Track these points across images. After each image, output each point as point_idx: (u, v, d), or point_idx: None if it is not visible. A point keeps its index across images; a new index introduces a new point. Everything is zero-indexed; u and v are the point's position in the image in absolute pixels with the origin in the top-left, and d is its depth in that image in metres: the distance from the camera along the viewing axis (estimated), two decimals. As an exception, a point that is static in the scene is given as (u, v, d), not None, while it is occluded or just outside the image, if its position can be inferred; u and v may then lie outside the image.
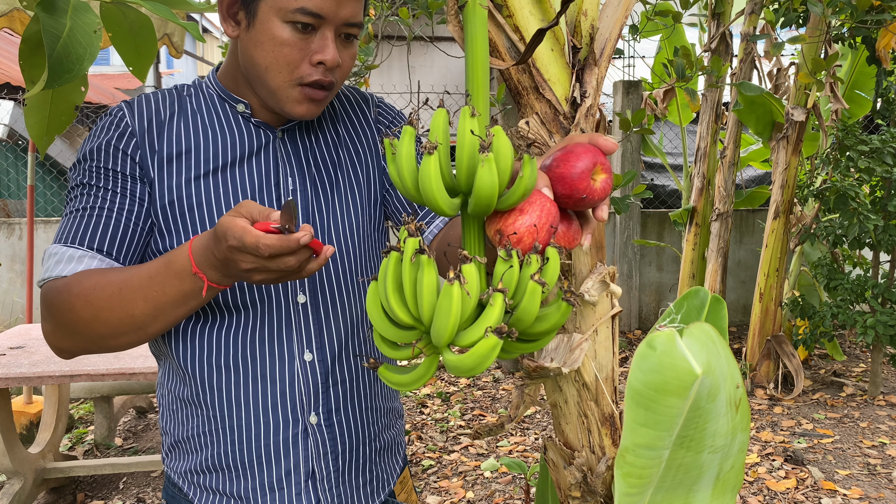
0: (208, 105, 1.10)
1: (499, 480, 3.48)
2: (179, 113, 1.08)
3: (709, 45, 4.75)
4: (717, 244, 4.97)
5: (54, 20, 0.97)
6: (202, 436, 1.08)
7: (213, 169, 1.06)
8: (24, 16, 1.71)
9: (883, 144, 4.27)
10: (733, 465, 0.85)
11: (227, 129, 1.09)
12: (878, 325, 4.23)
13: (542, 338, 0.79)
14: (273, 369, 1.06)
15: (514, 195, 0.73)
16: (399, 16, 4.01)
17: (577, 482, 1.00)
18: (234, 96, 1.09)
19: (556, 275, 0.75)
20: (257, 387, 1.06)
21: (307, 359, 1.08)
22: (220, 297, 1.05)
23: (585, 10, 0.91)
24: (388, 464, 1.22)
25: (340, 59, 1.01)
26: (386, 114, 1.24)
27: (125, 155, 1.03)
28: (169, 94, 1.10)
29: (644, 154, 6.41)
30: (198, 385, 1.07)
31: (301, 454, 1.08)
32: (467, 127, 0.71)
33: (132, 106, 1.06)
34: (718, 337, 0.76)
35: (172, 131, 1.06)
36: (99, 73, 11.00)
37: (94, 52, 0.99)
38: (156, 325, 0.94)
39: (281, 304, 1.07)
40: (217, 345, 1.06)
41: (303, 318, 1.08)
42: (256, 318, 1.06)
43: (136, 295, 0.92)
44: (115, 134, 1.03)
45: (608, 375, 0.98)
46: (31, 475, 3.07)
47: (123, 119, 1.04)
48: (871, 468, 3.60)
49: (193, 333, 1.06)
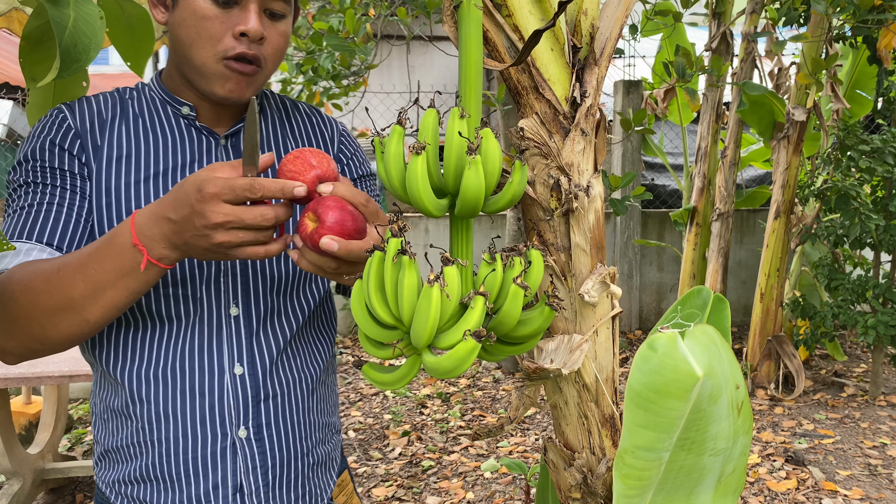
0: (150, 109, 1.08)
1: (499, 481, 3.48)
2: (121, 116, 1.07)
3: (709, 45, 4.75)
4: (718, 244, 4.96)
5: (59, 10, 0.97)
6: (131, 447, 1.07)
7: (154, 174, 1.04)
8: (22, 15, 1.71)
9: (884, 144, 4.26)
10: (735, 468, 0.84)
11: (170, 134, 1.07)
12: (878, 325, 4.23)
13: (527, 341, 0.79)
14: (202, 382, 1.05)
15: (503, 199, 0.73)
16: (398, 15, 4.01)
17: (577, 483, 1.00)
18: (178, 99, 1.08)
19: (539, 279, 0.75)
20: (186, 399, 1.05)
21: (237, 372, 1.06)
22: (152, 307, 1.02)
23: (585, 9, 0.91)
24: (323, 478, 1.20)
25: (266, 34, 1.00)
26: (348, 145, 1.22)
27: (69, 154, 1.01)
28: (111, 96, 1.09)
29: (644, 154, 6.40)
30: (127, 396, 1.05)
31: (229, 468, 1.06)
32: (455, 128, 0.71)
33: (73, 107, 1.05)
34: (720, 339, 0.76)
35: (114, 133, 1.05)
36: (98, 72, 10.99)
37: (98, 41, 0.99)
38: (94, 308, 0.90)
39: (213, 315, 1.05)
40: (147, 355, 1.04)
41: (234, 331, 1.06)
42: (187, 329, 1.04)
43: (74, 274, 0.88)
44: (58, 134, 1.02)
45: (608, 376, 0.97)
46: (30, 476, 3.07)
47: (65, 120, 1.03)
48: (871, 469, 3.60)
49: (125, 342, 1.04)
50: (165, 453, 1.05)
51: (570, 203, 0.89)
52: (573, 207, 0.89)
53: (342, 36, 3.77)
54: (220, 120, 1.10)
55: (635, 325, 6.38)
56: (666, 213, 6.39)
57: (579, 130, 0.90)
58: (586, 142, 0.91)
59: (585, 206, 0.91)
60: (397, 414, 4.43)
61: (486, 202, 0.75)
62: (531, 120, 0.90)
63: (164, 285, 1.02)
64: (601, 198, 0.93)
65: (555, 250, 0.93)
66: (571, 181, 0.89)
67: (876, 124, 6.14)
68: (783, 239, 4.66)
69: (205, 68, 1.00)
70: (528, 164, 0.92)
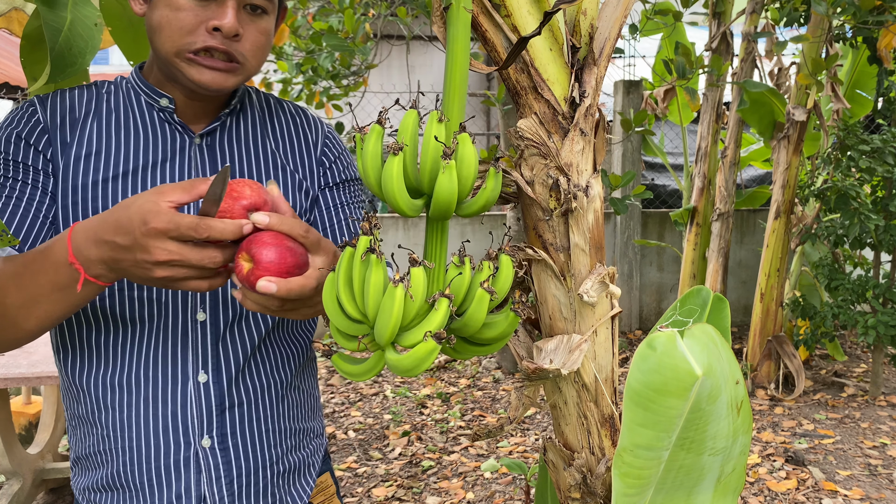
0: (126, 103, 1.05)
1: (499, 481, 3.48)
2: (95, 111, 1.03)
3: (710, 45, 4.75)
4: (718, 244, 4.96)
5: (55, 14, 0.97)
6: (98, 454, 1.05)
7: (123, 172, 1.01)
8: (23, 15, 1.71)
9: (884, 144, 4.26)
10: (735, 468, 0.84)
11: (142, 130, 1.04)
12: (879, 325, 4.22)
13: (493, 343, 0.80)
14: (166, 390, 1.02)
15: (476, 204, 0.74)
16: (398, 15, 4.01)
17: (576, 483, 1.00)
18: (158, 90, 1.04)
19: (507, 284, 0.76)
20: (149, 407, 1.02)
21: (201, 380, 1.03)
22: (115, 309, 1.00)
23: (584, 9, 0.91)
24: (296, 486, 1.16)
25: (244, 30, 0.97)
26: (332, 148, 1.18)
27: (34, 149, 0.98)
28: (87, 90, 1.05)
29: (645, 154, 6.40)
30: (92, 403, 1.03)
31: (192, 478, 1.03)
32: (433, 132, 0.72)
33: (45, 101, 1.02)
34: (720, 338, 0.76)
35: (85, 130, 1.01)
36: (98, 72, 11.00)
37: (95, 45, 0.99)
38: (30, 320, 0.86)
39: (178, 320, 1.02)
40: (112, 361, 1.02)
41: (200, 336, 1.03)
42: (151, 333, 1.01)
43: (9, 283, 0.85)
44: (25, 128, 0.99)
45: (608, 376, 0.97)
46: (30, 476, 3.07)
47: (35, 114, 1.00)
48: (872, 469, 3.60)
49: (89, 347, 1.02)
50: (129, 461, 1.03)
51: (569, 203, 0.89)
52: (572, 207, 0.89)
53: (341, 36, 3.77)
54: (198, 116, 1.07)
55: (635, 325, 6.38)
56: (666, 213, 6.39)
57: (578, 130, 0.90)
58: (585, 142, 0.91)
59: (584, 206, 0.91)
60: (397, 414, 4.43)
61: (460, 205, 0.76)
62: (530, 120, 0.90)
63: (130, 288, 1.00)
64: (600, 198, 0.93)
65: (554, 250, 0.93)
66: (570, 181, 0.89)
67: (876, 124, 6.13)
68: (783, 239, 4.66)
69: (175, 58, 0.96)
70: (527, 164, 0.93)
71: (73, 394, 1.06)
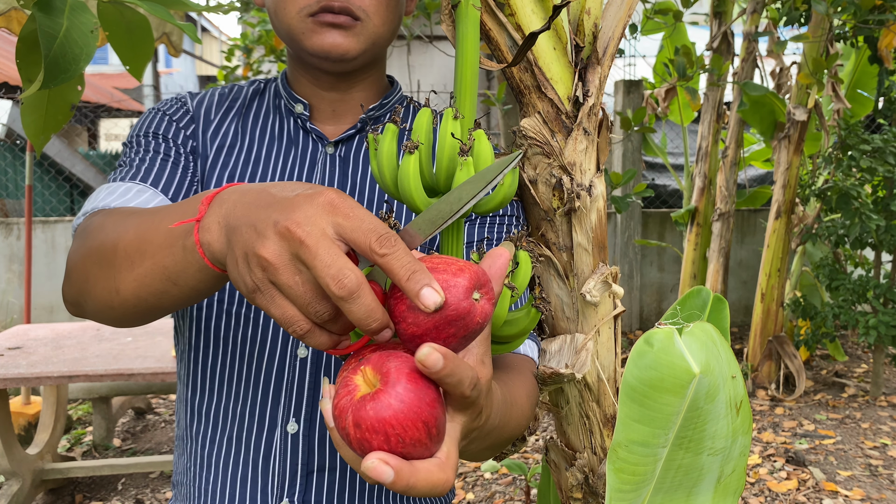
0: (268, 105, 1.02)
1: (499, 482, 3.47)
2: (238, 111, 1.01)
3: (710, 44, 4.75)
4: (719, 244, 4.96)
5: (51, 20, 0.96)
6: (181, 485, 0.97)
7: (251, 173, 0.97)
8: (22, 15, 1.71)
9: (885, 144, 4.26)
10: (735, 469, 0.84)
11: (277, 139, 0.99)
12: (879, 325, 4.22)
13: (512, 341, 0.79)
14: (250, 432, 0.90)
15: (493, 201, 0.73)
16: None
17: (578, 483, 1.00)
18: (295, 95, 1.00)
19: (527, 279, 0.75)
20: (231, 449, 0.91)
21: (290, 430, 0.90)
22: (211, 322, 0.91)
23: (588, 8, 0.90)
24: None
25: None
26: None
27: (183, 132, 0.97)
28: (237, 89, 1.04)
29: (645, 154, 6.40)
30: (184, 426, 0.95)
31: None
32: (448, 129, 0.71)
33: (195, 96, 1.02)
34: (719, 337, 0.75)
35: (222, 127, 1.00)
36: (97, 72, 11.01)
37: (90, 52, 0.98)
38: (128, 279, 0.69)
39: (276, 351, 0.90)
40: (201, 384, 0.93)
41: (298, 376, 0.90)
42: (244, 360, 0.90)
43: (137, 222, 0.71)
44: (177, 113, 0.99)
45: (610, 376, 0.97)
46: (30, 476, 3.06)
47: (185, 104, 1.00)
48: (872, 469, 3.59)
49: (190, 363, 0.95)
50: (203, 503, 0.93)
51: (572, 202, 0.89)
52: (575, 207, 0.89)
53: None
54: (336, 117, 1.00)
55: (636, 325, 6.38)
56: (667, 213, 6.39)
57: (582, 130, 0.89)
58: (589, 141, 0.91)
59: (588, 206, 0.90)
60: (397, 414, 4.42)
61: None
62: (533, 119, 0.90)
63: (230, 302, 0.91)
64: (603, 197, 0.92)
65: (557, 250, 0.93)
66: (574, 181, 0.89)
67: (877, 124, 6.13)
68: (784, 239, 4.65)
69: (293, 28, 0.90)
70: (530, 164, 0.92)
71: (180, 401, 0.98)
